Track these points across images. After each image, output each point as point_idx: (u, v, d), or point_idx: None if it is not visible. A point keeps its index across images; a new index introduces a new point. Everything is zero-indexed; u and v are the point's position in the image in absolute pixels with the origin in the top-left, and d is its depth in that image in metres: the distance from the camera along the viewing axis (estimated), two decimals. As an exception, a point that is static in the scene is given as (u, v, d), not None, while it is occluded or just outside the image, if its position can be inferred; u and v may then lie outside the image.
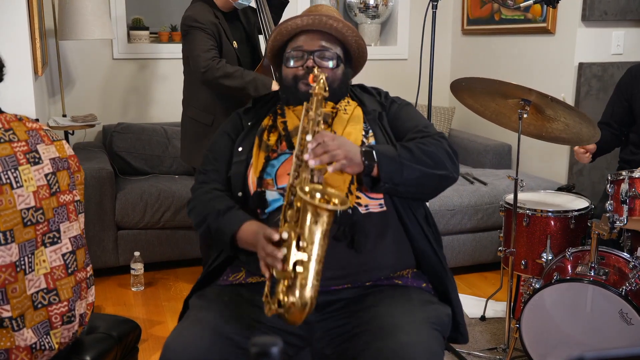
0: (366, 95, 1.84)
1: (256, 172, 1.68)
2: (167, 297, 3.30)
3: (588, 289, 2.19)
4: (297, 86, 1.73)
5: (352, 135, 1.69)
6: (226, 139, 1.81)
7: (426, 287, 1.70)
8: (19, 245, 1.46)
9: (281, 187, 1.65)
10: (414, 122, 1.76)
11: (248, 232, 1.59)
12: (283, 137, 1.71)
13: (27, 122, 1.56)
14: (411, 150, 1.62)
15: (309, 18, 1.70)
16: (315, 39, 1.73)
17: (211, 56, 2.74)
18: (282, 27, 1.74)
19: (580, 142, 2.52)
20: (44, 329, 1.52)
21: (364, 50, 1.81)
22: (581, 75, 3.59)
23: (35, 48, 2.77)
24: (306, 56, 1.72)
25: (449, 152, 1.68)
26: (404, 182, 1.60)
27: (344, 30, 1.74)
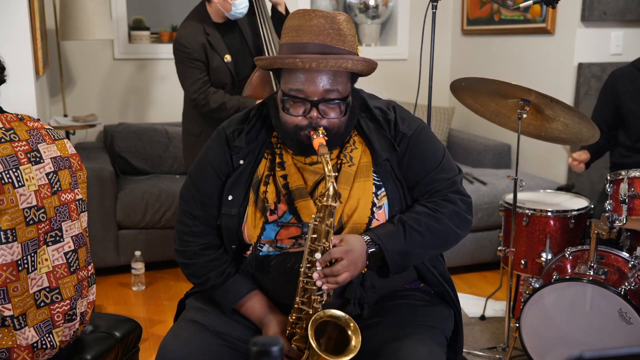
0: (373, 126, 1.58)
1: (254, 235, 1.54)
2: (167, 297, 3.30)
3: (587, 288, 2.19)
4: (298, 136, 1.50)
5: (362, 199, 1.53)
6: (213, 176, 1.59)
7: (424, 287, 1.69)
8: (21, 244, 1.46)
9: (280, 247, 1.56)
10: (426, 168, 1.58)
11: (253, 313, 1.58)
12: (283, 196, 1.54)
13: (28, 121, 1.56)
14: (422, 234, 1.52)
15: (313, 60, 1.41)
16: (318, 80, 1.45)
17: (197, 89, 2.86)
18: (278, 62, 1.46)
19: (580, 141, 2.52)
20: (46, 327, 1.52)
21: (374, 68, 1.54)
22: (580, 75, 3.59)
23: (37, 48, 2.77)
24: (309, 106, 1.47)
25: (461, 215, 1.57)
26: (412, 265, 1.59)
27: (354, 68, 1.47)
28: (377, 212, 1.55)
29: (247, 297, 1.57)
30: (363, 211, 1.53)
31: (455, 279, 3.26)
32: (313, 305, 1.45)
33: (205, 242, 1.61)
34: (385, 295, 1.62)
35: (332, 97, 1.47)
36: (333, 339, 1.47)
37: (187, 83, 2.90)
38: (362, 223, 1.53)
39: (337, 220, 1.52)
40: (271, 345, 0.77)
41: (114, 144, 3.85)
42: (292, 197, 1.53)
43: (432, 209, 1.55)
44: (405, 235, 1.51)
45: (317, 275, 1.42)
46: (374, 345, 1.47)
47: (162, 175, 3.87)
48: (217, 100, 2.84)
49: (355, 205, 1.53)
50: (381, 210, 1.55)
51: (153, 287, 3.43)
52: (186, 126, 3.06)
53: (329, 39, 1.45)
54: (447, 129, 4.42)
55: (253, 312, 1.57)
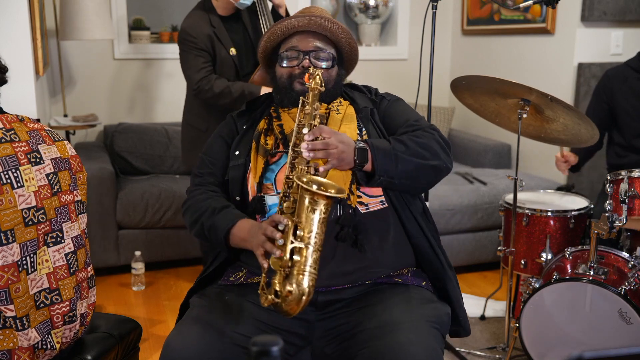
0: (357, 93, 1.85)
1: (256, 177, 1.68)
2: (167, 297, 3.30)
3: (587, 288, 2.19)
4: (292, 85, 1.73)
5: (347, 134, 1.68)
6: (221, 142, 1.80)
7: (426, 285, 1.70)
8: (20, 245, 1.46)
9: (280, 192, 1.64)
10: (404, 117, 1.78)
11: (242, 229, 1.59)
12: (280, 140, 1.71)
13: (28, 122, 1.56)
14: (405, 142, 1.64)
15: (304, 19, 1.71)
16: (309, 39, 1.74)
17: (201, 77, 2.82)
18: (276, 28, 1.75)
19: (579, 142, 2.52)
20: (45, 328, 1.52)
21: (356, 52, 1.82)
22: (580, 75, 3.59)
23: (37, 48, 2.77)
24: (302, 56, 1.73)
25: (441, 143, 1.69)
26: (399, 174, 1.62)
27: (337, 31, 1.75)
28: None
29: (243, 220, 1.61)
30: None
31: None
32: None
33: (210, 189, 1.75)
34: (382, 289, 1.63)
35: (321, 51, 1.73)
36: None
37: (191, 70, 2.85)
38: None
39: None
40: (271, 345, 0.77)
41: (114, 144, 3.85)
42: (288, 139, 1.69)
43: (412, 134, 1.70)
44: (390, 142, 1.65)
45: (305, 145, 1.51)
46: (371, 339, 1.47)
47: (162, 175, 3.87)
48: (220, 85, 2.79)
49: None
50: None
51: (153, 287, 3.43)
52: (189, 121, 3.01)
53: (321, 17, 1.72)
54: (447, 129, 4.42)
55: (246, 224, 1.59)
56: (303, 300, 1.38)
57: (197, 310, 1.61)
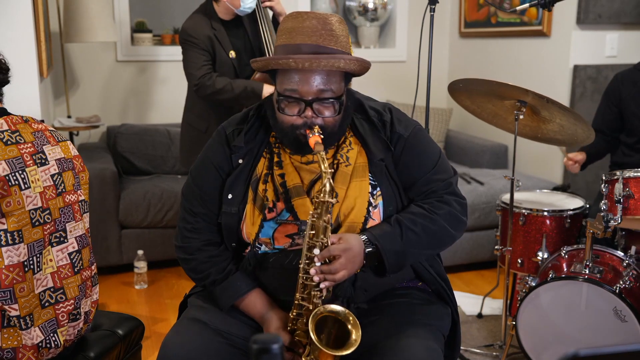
0: (368, 129, 1.59)
1: (252, 233, 1.56)
2: (169, 295, 3.30)
3: (583, 286, 2.19)
4: (295, 135, 1.51)
5: (358, 198, 1.54)
6: (214, 174, 1.61)
7: (422, 285, 1.69)
8: (27, 246, 1.46)
9: (278, 248, 1.56)
10: (422, 170, 1.59)
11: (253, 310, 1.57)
12: (281, 195, 1.55)
13: (33, 123, 1.56)
14: (417, 234, 1.52)
15: (308, 62, 1.43)
16: (312, 79, 1.47)
17: (202, 74, 2.80)
18: (272, 63, 1.49)
19: (576, 142, 2.52)
20: (51, 327, 1.52)
21: (367, 67, 1.54)
22: (576, 77, 3.59)
23: (41, 50, 2.77)
24: (303, 106, 1.49)
25: (457, 216, 1.57)
26: (408, 264, 1.59)
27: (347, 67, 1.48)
28: (372, 211, 1.55)
29: (248, 294, 1.57)
30: (359, 210, 1.54)
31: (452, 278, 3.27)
32: (313, 301, 1.46)
33: (207, 238, 1.62)
34: (383, 293, 1.62)
35: (326, 97, 1.49)
36: (333, 334, 1.47)
37: (192, 68, 2.83)
38: (358, 222, 1.54)
39: (334, 219, 1.52)
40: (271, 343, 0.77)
41: (117, 144, 3.85)
42: (289, 195, 1.54)
43: (428, 210, 1.56)
44: (402, 235, 1.51)
45: (314, 271, 1.43)
46: (371, 343, 1.47)
47: (164, 176, 3.87)
48: (222, 82, 2.77)
49: (352, 204, 1.54)
50: (376, 210, 1.56)
51: (155, 285, 3.43)
52: (189, 121, 3.01)
53: (322, 40, 1.47)
54: (444, 130, 4.42)
55: (254, 308, 1.57)
56: None
57: (195, 310, 1.60)
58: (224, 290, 1.57)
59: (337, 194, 1.51)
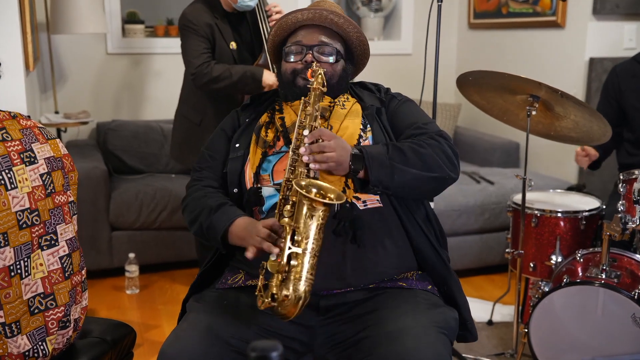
0: (365, 92, 1.86)
1: (253, 167, 1.72)
2: (163, 301, 3.30)
3: (599, 292, 2.19)
4: (295, 81, 1.77)
5: (350, 128, 1.72)
6: (223, 136, 1.84)
7: (431, 289, 1.70)
8: (13, 249, 1.46)
9: (277, 183, 1.68)
10: (413, 119, 1.77)
11: (240, 227, 1.61)
12: (280, 133, 1.75)
13: (21, 119, 1.56)
14: (403, 151, 1.62)
15: (310, 12, 1.74)
16: (315, 33, 1.77)
17: (200, 62, 2.80)
18: (282, 22, 1.78)
19: (591, 140, 2.52)
20: (39, 335, 1.52)
21: (366, 47, 1.84)
22: (592, 70, 3.58)
23: (27, 42, 2.77)
24: (305, 51, 1.76)
25: (447, 152, 1.66)
26: (394, 185, 1.61)
27: (345, 25, 1.77)
28: (362, 142, 1.71)
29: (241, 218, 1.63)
30: (350, 139, 1.69)
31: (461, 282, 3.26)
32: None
33: (207, 184, 1.78)
34: (387, 293, 1.63)
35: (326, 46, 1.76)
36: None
37: (191, 55, 2.82)
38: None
39: None
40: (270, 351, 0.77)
41: (107, 142, 3.85)
42: (288, 131, 1.74)
43: (415, 141, 1.67)
44: (388, 150, 1.63)
45: (304, 150, 1.54)
46: (375, 346, 1.47)
47: (158, 175, 3.87)
48: (219, 69, 2.77)
49: (342, 134, 1.71)
50: (366, 142, 1.72)
51: (148, 290, 3.43)
52: (184, 113, 3.01)
53: (327, 10, 1.74)
54: (453, 127, 4.42)
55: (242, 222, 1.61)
56: (300, 304, 1.42)
57: (194, 314, 1.61)
58: (221, 215, 1.64)
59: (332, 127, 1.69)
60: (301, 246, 1.43)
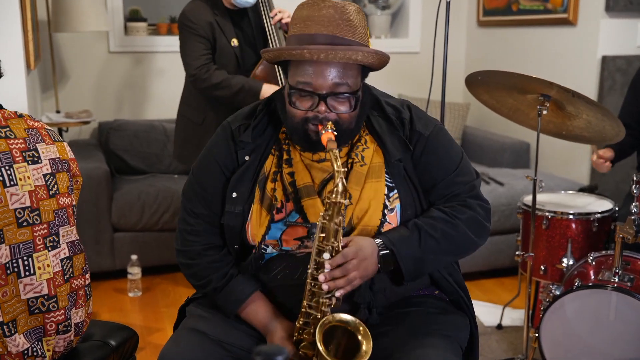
0: (386, 127, 1.59)
1: (258, 234, 1.55)
2: (165, 303, 3.31)
3: (612, 296, 2.19)
4: (306, 129, 1.51)
5: (374, 200, 1.54)
6: (217, 172, 1.61)
7: (439, 294, 1.69)
8: (10, 247, 1.46)
9: (285, 249, 1.56)
10: (443, 171, 1.59)
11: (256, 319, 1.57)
12: (290, 195, 1.55)
13: (28, 120, 1.58)
14: (437, 240, 1.52)
15: (324, 54, 1.43)
16: (326, 72, 1.47)
17: (199, 64, 2.82)
18: (284, 53, 1.49)
19: (604, 140, 2.51)
20: (36, 335, 1.53)
21: (386, 61, 1.57)
22: (604, 69, 3.57)
23: (28, 41, 2.78)
24: (317, 99, 1.48)
25: (480, 222, 1.59)
26: (427, 272, 1.59)
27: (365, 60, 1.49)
28: (388, 214, 1.54)
29: (251, 300, 1.57)
30: (374, 213, 1.53)
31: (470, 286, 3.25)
32: (321, 309, 1.45)
33: (208, 242, 1.62)
34: (398, 301, 1.62)
35: (341, 91, 1.48)
36: (342, 345, 1.46)
37: (189, 57, 2.84)
38: (373, 226, 1.53)
39: (347, 222, 1.52)
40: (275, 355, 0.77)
41: (109, 141, 3.86)
42: (299, 195, 1.54)
43: (449, 215, 1.56)
44: (420, 240, 1.51)
45: (322, 278, 1.41)
46: (386, 354, 1.47)
47: (160, 175, 3.88)
48: (219, 76, 2.79)
49: (366, 207, 1.53)
50: (393, 214, 1.55)
51: (150, 293, 3.44)
52: (185, 113, 3.04)
53: (339, 30, 1.46)
54: (461, 126, 4.41)
55: (256, 316, 1.57)
56: None
57: (194, 319, 1.61)
58: (226, 297, 1.58)
59: (351, 195, 1.51)
60: None
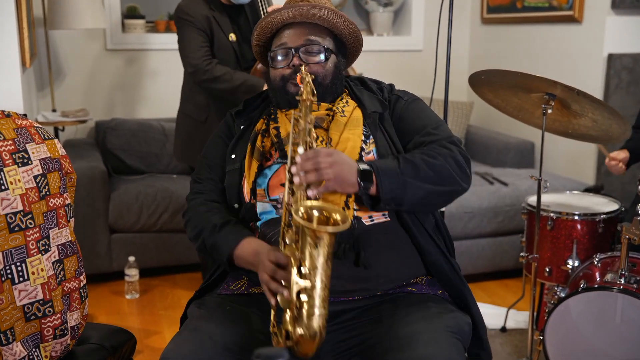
0: (366, 92, 1.79)
1: (249, 182, 1.68)
2: (163, 306, 3.31)
3: (618, 298, 2.19)
4: (286, 87, 1.71)
5: (350, 141, 1.66)
6: (220, 143, 1.81)
7: (442, 294, 1.70)
8: (3, 253, 1.46)
9: (273, 199, 1.65)
10: (421, 123, 1.71)
11: (247, 250, 1.60)
12: (275, 144, 1.70)
13: (16, 119, 1.57)
14: (416, 165, 1.58)
15: (290, 11, 1.68)
16: (300, 32, 1.71)
17: (199, 56, 2.81)
18: (262, 24, 1.73)
19: (610, 139, 2.51)
20: (33, 341, 1.52)
21: (358, 35, 1.78)
22: (610, 67, 3.57)
23: (23, 38, 2.78)
24: (291, 53, 1.70)
25: (459, 161, 1.63)
26: (407, 201, 1.59)
27: (330, 17, 1.70)
28: (366, 157, 1.66)
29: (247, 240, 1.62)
30: (351, 153, 1.63)
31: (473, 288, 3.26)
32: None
33: (210, 198, 1.75)
34: (398, 299, 1.63)
35: (312, 44, 1.70)
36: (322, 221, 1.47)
37: (189, 49, 2.83)
38: None
39: None
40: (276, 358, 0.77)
41: (107, 141, 3.86)
42: (283, 143, 1.69)
43: (426, 152, 1.63)
44: (399, 163, 1.58)
45: (295, 169, 1.47)
46: (386, 352, 1.47)
47: (158, 175, 3.88)
48: (221, 69, 2.78)
49: (343, 147, 1.65)
50: (370, 156, 1.67)
51: (148, 295, 3.44)
52: (187, 111, 3.02)
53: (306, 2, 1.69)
54: (465, 125, 4.41)
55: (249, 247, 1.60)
56: (316, 341, 1.40)
57: (197, 321, 1.61)
58: (226, 234, 1.64)
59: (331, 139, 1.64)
60: (309, 279, 1.39)
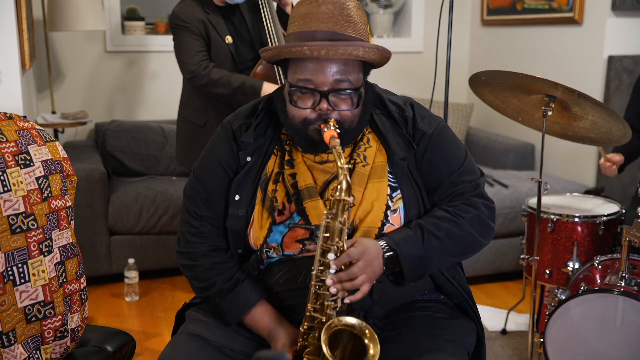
0: (388, 124, 1.60)
1: (259, 237, 1.56)
2: (163, 308, 3.31)
3: (618, 300, 2.19)
4: (307, 131, 1.51)
5: (377, 201, 1.54)
6: (220, 173, 1.61)
7: (444, 299, 1.69)
8: (5, 255, 1.46)
9: (287, 254, 1.56)
10: (448, 168, 1.60)
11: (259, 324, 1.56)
12: (292, 196, 1.55)
13: (18, 120, 1.57)
14: (440, 239, 1.52)
15: (322, 48, 1.43)
16: (327, 68, 1.47)
17: (197, 61, 2.81)
18: (284, 51, 1.48)
19: (610, 141, 2.51)
20: (34, 343, 1.52)
21: (389, 57, 1.56)
22: (611, 69, 3.57)
23: (23, 40, 2.79)
24: (318, 97, 1.49)
25: (484, 222, 1.58)
26: (430, 272, 1.59)
27: (367, 55, 1.49)
28: (391, 215, 1.55)
29: (255, 307, 1.57)
30: (376, 214, 1.53)
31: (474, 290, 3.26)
32: (326, 313, 1.44)
33: (213, 244, 1.62)
34: (403, 306, 1.62)
35: (342, 87, 1.49)
36: (349, 349, 1.45)
37: (186, 55, 2.83)
38: (375, 227, 1.53)
39: (348, 223, 1.52)
40: (277, 361, 0.77)
41: (106, 143, 3.86)
42: (301, 197, 1.54)
43: (453, 214, 1.56)
44: (424, 240, 1.51)
45: (330, 281, 1.41)
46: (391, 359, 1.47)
47: (158, 177, 3.89)
48: (219, 73, 2.78)
49: (368, 208, 1.53)
50: (396, 214, 1.56)
51: (148, 297, 3.44)
52: (186, 116, 3.03)
53: (339, 26, 1.47)
54: (465, 127, 4.42)
55: (261, 322, 1.56)
56: None
57: (194, 324, 1.61)
58: (231, 301, 1.56)
59: (354, 196, 1.51)
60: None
